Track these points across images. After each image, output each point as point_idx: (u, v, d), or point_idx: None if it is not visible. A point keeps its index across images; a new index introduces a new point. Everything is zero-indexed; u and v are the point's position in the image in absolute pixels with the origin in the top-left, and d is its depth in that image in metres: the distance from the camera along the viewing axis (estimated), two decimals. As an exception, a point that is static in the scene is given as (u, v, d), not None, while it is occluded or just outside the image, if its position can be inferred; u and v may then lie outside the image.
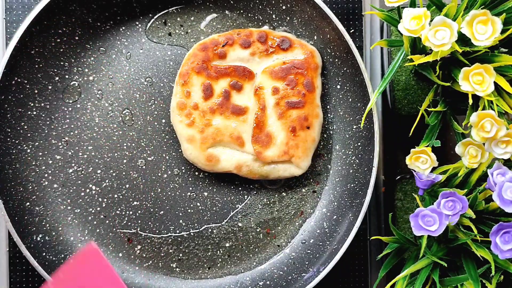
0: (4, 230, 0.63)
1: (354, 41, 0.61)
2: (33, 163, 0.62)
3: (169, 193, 0.64)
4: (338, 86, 0.64)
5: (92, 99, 0.63)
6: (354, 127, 0.63)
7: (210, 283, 0.63)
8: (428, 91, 0.58)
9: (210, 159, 0.61)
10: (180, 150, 0.63)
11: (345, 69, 0.62)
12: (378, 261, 0.64)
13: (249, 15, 0.64)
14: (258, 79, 0.62)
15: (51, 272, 0.58)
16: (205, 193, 0.64)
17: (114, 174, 0.63)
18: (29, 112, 0.62)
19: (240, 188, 0.64)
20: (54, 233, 0.62)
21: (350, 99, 0.63)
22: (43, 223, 0.62)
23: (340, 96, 0.64)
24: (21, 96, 0.61)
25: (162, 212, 0.64)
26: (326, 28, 0.61)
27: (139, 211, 0.63)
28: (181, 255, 0.64)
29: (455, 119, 0.55)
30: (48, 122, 0.62)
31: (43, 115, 0.62)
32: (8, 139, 0.60)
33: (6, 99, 0.59)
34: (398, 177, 0.66)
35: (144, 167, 0.64)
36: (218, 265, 0.64)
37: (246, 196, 0.64)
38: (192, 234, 0.64)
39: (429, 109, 0.54)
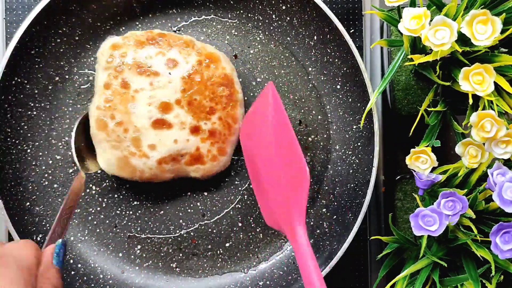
0: (4, 230, 0.63)
1: (354, 41, 0.61)
2: (33, 163, 0.62)
3: (169, 193, 0.64)
4: (338, 86, 0.64)
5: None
6: (354, 127, 0.63)
7: (210, 283, 0.63)
8: (428, 91, 0.58)
9: None
10: (180, 150, 0.63)
11: (345, 69, 0.62)
12: (378, 261, 0.64)
13: (249, 15, 0.64)
14: None
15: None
16: (205, 193, 0.64)
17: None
18: (29, 112, 0.62)
19: (240, 188, 0.64)
20: (54, 233, 0.62)
21: (350, 99, 0.63)
22: (43, 223, 0.62)
23: (340, 96, 0.64)
24: (21, 96, 0.61)
25: (162, 212, 0.64)
26: (326, 28, 0.61)
27: (139, 211, 0.63)
28: (181, 255, 0.64)
29: (455, 119, 0.55)
30: (48, 122, 0.62)
31: (43, 115, 0.62)
32: (8, 139, 0.60)
33: (6, 99, 0.59)
34: (398, 177, 0.66)
35: (144, 167, 0.64)
36: (218, 265, 0.64)
37: (246, 196, 0.64)
38: (192, 234, 0.64)
39: (429, 109, 0.54)
